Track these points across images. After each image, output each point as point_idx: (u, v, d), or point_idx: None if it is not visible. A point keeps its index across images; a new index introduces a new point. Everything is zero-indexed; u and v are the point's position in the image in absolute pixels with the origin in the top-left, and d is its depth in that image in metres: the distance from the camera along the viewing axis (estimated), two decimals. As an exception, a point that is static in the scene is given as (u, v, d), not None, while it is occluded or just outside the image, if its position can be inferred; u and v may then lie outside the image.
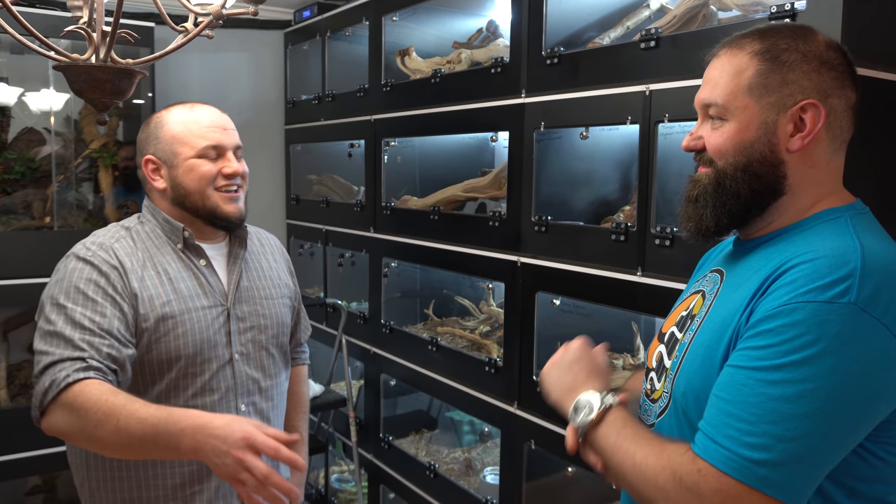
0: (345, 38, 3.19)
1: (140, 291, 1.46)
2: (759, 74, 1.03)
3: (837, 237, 0.99)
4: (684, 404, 1.05)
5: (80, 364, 1.33)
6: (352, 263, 3.26)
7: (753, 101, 1.03)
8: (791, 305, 0.91)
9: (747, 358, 0.94)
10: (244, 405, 1.57)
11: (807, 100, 1.01)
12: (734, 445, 0.90)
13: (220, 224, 1.58)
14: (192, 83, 3.37)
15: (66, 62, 1.19)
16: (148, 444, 1.27)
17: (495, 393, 2.26)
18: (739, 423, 0.91)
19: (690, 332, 1.09)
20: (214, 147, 1.54)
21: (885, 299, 0.91)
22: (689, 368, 1.06)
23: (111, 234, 1.54)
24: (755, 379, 0.92)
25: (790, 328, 0.91)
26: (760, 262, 1.05)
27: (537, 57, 2.07)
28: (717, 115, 1.06)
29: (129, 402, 1.28)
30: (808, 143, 1.02)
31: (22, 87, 2.88)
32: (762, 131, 1.02)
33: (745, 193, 1.05)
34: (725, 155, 1.05)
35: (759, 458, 0.89)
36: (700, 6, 1.80)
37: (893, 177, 1.56)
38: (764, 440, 0.89)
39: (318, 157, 3.53)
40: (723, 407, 0.94)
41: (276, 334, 1.65)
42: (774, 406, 0.89)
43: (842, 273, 0.92)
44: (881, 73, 1.48)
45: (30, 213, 2.85)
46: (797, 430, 0.88)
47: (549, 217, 2.06)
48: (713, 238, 1.12)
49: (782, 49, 1.02)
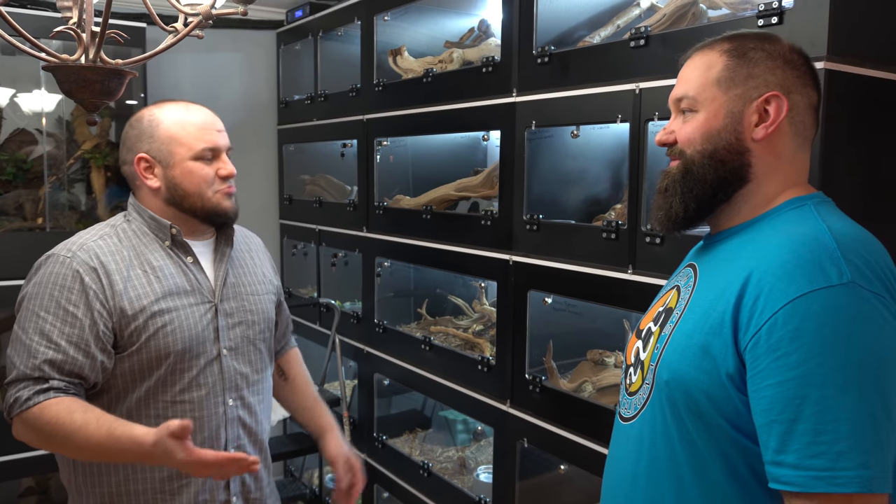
0: (337, 37, 3.18)
1: (126, 291, 1.47)
2: (727, 69, 1.10)
3: (803, 222, 1.04)
4: (669, 392, 1.08)
5: (41, 385, 1.38)
6: (345, 263, 3.26)
7: (721, 93, 1.10)
8: (796, 302, 0.93)
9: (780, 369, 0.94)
10: (231, 399, 1.58)
11: (771, 92, 1.08)
12: (826, 461, 0.90)
13: (217, 221, 1.60)
14: (185, 83, 3.36)
15: (56, 63, 1.19)
16: (105, 458, 1.41)
17: (488, 391, 2.27)
18: (811, 437, 0.91)
19: (671, 325, 1.12)
20: (211, 149, 1.55)
21: (868, 273, 0.95)
22: (671, 358, 1.09)
23: (95, 233, 1.54)
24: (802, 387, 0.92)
25: (806, 323, 0.92)
26: (732, 251, 1.10)
27: (528, 56, 2.07)
28: (688, 107, 1.14)
29: (84, 426, 1.35)
30: (771, 132, 1.08)
31: (13, 87, 2.87)
32: (729, 120, 1.10)
33: (712, 179, 1.11)
34: (694, 143, 1.12)
35: (852, 463, 0.89)
36: (689, 5, 1.81)
37: (881, 174, 1.57)
38: (846, 444, 0.89)
39: (311, 157, 3.53)
40: (790, 428, 0.93)
41: (262, 329, 1.67)
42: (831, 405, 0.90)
43: (825, 256, 0.95)
44: (869, 71, 1.48)
45: (22, 214, 2.84)
46: (861, 420, 0.90)
47: (541, 216, 2.06)
48: (682, 227, 1.17)
49: (749, 48, 1.11)
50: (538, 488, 2.22)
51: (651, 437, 1.12)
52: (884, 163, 1.57)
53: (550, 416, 2.03)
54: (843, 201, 1.16)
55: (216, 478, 1.31)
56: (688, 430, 1.06)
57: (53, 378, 1.39)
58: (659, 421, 1.10)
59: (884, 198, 1.58)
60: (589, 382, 2.04)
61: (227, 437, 1.58)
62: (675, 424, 1.07)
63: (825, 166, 1.41)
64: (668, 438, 1.08)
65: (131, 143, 1.57)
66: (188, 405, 1.52)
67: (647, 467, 1.12)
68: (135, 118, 1.59)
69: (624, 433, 1.20)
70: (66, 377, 1.40)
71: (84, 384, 1.44)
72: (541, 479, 2.21)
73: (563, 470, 2.15)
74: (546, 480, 2.21)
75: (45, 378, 1.38)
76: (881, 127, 1.56)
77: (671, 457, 1.08)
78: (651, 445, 1.11)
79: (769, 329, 0.95)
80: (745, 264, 1.03)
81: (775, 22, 1.46)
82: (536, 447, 2.10)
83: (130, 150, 1.57)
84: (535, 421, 2.07)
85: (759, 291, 0.98)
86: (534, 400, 2.09)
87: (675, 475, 1.07)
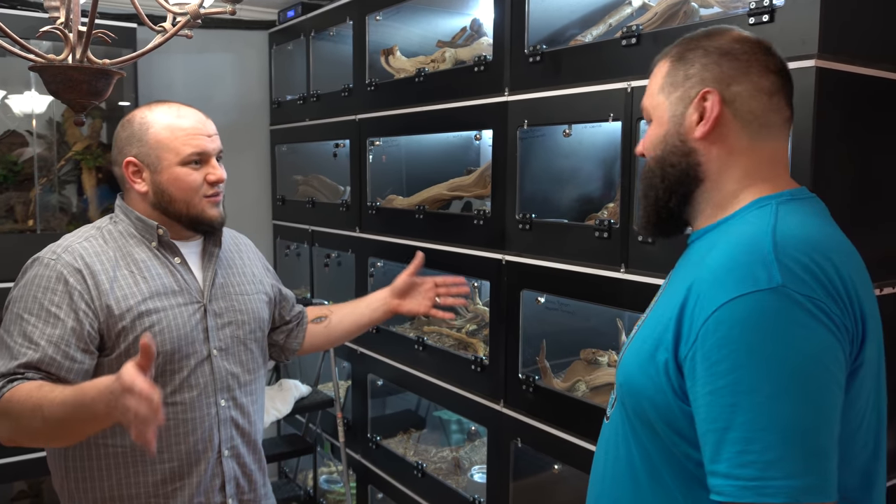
0: (329, 37, 3.18)
1: (113, 290, 1.46)
2: (668, 74, 1.12)
3: (753, 224, 1.01)
4: (622, 395, 1.10)
5: (15, 377, 1.37)
6: (338, 263, 3.25)
7: (664, 98, 1.12)
8: (724, 308, 0.92)
9: (713, 377, 0.92)
10: (223, 400, 1.58)
11: (705, 89, 1.07)
12: (755, 470, 0.88)
13: (201, 228, 1.59)
14: (177, 84, 3.35)
15: (42, 63, 1.19)
16: (73, 422, 1.29)
17: (482, 391, 2.27)
18: (741, 445, 0.89)
19: (636, 328, 1.15)
20: (200, 153, 1.54)
21: (803, 275, 0.92)
22: (627, 360, 1.11)
23: (80, 235, 1.53)
24: (733, 394, 0.90)
25: (733, 329, 0.91)
26: (692, 256, 1.10)
27: (520, 55, 2.07)
28: (646, 118, 1.17)
29: (49, 391, 1.31)
30: (710, 128, 1.07)
31: (3, 89, 2.86)
32: (672, 123, 1.11)
33: (660, 183, 1.12)
34: (649, 151, 1.15)
35: (781, 473, 0.86)
36: (681, 3, 1.81)
37: (873, 172, 1.57)
38: (776, 453, 0.86)
39: (304, 157, 3.52)
40: (722, 437, 0.91)
41: (253, 329, 1.66)
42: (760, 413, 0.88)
43: (757, 259, 0.93)
44: (860, 69, 1.48)
45: (12, 216, 2.82)
46: (792, 428, 0.87)
47: (534, 215, 2.06)
48: (657, 233, 1.18)
49: (688, 49, 1.11)
50: (532, 488, 2.21)
51: (615, 439, 1.14)
52: (875, 161, 1.58)
53: (544, 415, 2.03)
54: (834, 199, 1.16)
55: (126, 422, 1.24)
56: (638, 432, 1.07)
57: (29, 374, 1.38)
58: (620, 424, 1.12)
59: (875, 195, 1.58)
60: (582, 382, 2.04)
61: (220, 439, 1.57)
62: (631, 429, 1.09)
63: (816, 164, 1.41)
64: (626, 440, 1.10)
65: (121, 146, 1.56)
66: (180, 406, 1.51)
67: (612, 467, 1.14)
68: (126, 119, 1.57)
69: (602, 433, 1.22)
70: (44, 375, 1.39)
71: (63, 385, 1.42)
72: (535, 479, 2.21)
73: (556, 469, 2.15)
74: (540, 480, 2.21)
75: (21, 374, 1.38)
76: (872, 125, 1.56)
77: (629, 457, 1.10)
78: (615, 446, 1.13)
79: (703, 337, 0.93)
80: (693, 270, 1.02)
81: (766, 20, 1.46)
82: (530, 447, 2.10)
83: (120, 153, 1.56)
84: (529, 421, 2.07)
85: (696, 298, 0.96)
86: (527, 399, 2.08)
87: (632, 476, 1.09)
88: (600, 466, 1.19)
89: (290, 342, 1.86)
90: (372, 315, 1.91)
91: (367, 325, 1.93)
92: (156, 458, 1.50)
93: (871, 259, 1.09)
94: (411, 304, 1.89)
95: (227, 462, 1.59)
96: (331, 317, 1.92)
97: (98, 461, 1.48)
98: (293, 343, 1.86)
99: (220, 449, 1.57)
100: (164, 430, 1.49)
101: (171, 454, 1.51)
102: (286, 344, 1.85)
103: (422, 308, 1.88)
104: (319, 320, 1.90)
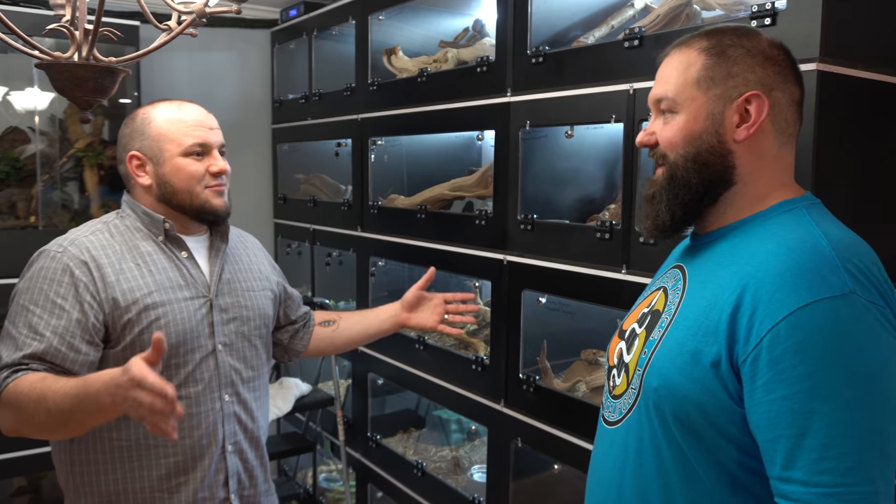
0: (331, 37, 3.18)
1: (119, 283, 1.47)
2: (706, 68, 1.07)
3: (797, 227, 1.01)
4: (657, 399, 1.05)
5: (20, 367, 1.37)
6: (339, 263, 3.25)
7: (701, 94, 1.07)
8: (799, 313, 0.91)
9: (785, 382, 0.91)
10: (227, 395, 1.58)
11: (751, 91, 1.05)
12: (835, 477, 0.88)
13: (207, 219, 1.60)
14: (179, 82, 3.36)
15: (49, 60, 1.19)
16: (78, 413, 1.29)
17: (482, 391, 2.27)
18: (819, 452, 0.89)
19: (659, 329, 1.09)
20: (201, 145, 1.56)
21: (864, 282, 0.93)
22: (661, 364, 1.05)
23: (87, 229, 1.55)
24: (809, 401, 0.90)
25: (812, 335, 0.90)
26: (723, 254, 1.07)
27: (523, 56, 2.07)
28: (668, 108, 1.10)
29: (54, 382, 1.32)
30: (753, 132, 1.05)
31: (6, 86, 2.87)
32: (710, 122, 1.06)
33: (696, 183, 1.08)
34: (676, 147, 1.09)
35: (861, 479, 0.87)
36: (683, 5, 1.82)
37: (874, 175, 1.58)
38: (855, 459, 0.87)
39: (306, 156, 3.53)
40: (797, 443, 0.90)
41: (258, 325, 1.67)
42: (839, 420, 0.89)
43: (824, 265, 0.93)
44: (861, 72, 1.49)
45: (14, 212, 2.83)
46: (869, 434, 0.88)
47: (535, 215, 2.07)
48: (671, 234, 1.14)
49: (728, 45, 1.07)
50: (532, 488, 2.22)
51: (637, 444, 1.09)
52: (876, 164, 1.58)
53: (544, 415, 2.03)
54: (835, 202, 1.17)
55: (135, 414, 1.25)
56: (675, 438, 1.03)
57: (34, 365, 1.39)
58: (646, 427, 1.07)
59: (876, 199, 1.59)
60: (583, 382, 2.04)
61: (224, 434, 1.58)
62: (663, 432, 1.04)
63: (817, 167, 1.41)
64: (656, 446, 1.06)
65: (124, 142, 1.58)
66: (185, 401, 1.52)
67: (634, 474, 1.09)
68: (129, 117, 1.60)
69: (609, 438, 1.16)
70: (48, 366, 1.40)
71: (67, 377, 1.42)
72: (534, 479, 2.21)
73: (556, 469, 2.16)
74: (540, 480, 2.21)
75: (26, 365, 1.38)
76: (873, 128, 1.57)
77: (658, 464, 1.05)
78: (637, 452, 1.08)
79: (771, 341, 0.92)
80: (740, 271, 1.00)
81: (769, 23, 1.47)
82: (530, 447, 2.10)
83: (123, 149, 1.58)
84: (529, 420, 2.08)
85: (756, 301, 0.95)
86: (528, 399, 2.09)
87: (663, 483, 1.05)
88: (614, 475, 1.13)
89: (295, 343, 1.86)
90: (380, 326, 1.93)
91: (374, 335, 1.95)
92: (160, 453, 1.51)
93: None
94: (420, 318, 1.90)
95: (231, 457, 1.59)
96: (339, 322, 1.93)
97: (103, 455, 1.49)
98: (298, 344, 1.87)
99: (224, 444, 1.58)
100: None
101: (176, 448, 1.52)
102: (290, 345, 1.86)
103: (430, 322, 1.90)
104: (327, 324, 1.91)
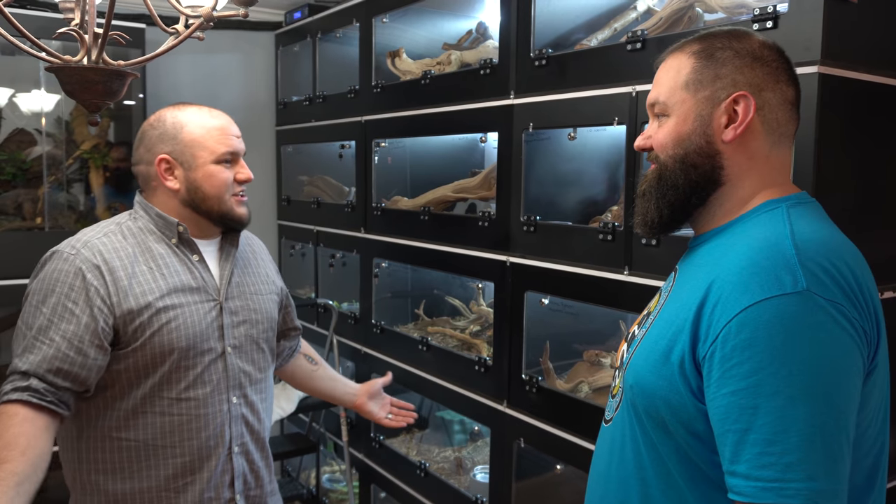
0: (335, 39, 3.20)
1: (131, 286, 1.48)
2: (695, 71, 1.09)
3: (769, 226, 1.02)
4: (632, 396, 1.08)
5: (21, 383, 1.38)
6: (343, 264, 3.27)
7: (690, 96, 1.09)
8: (749, 311, 0.92)
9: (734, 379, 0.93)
10: (235, 397, 1.60)
11: (739, 92, 1.06)
12: (775, 472, 0.89)
13: (230, 225, 1.63)
14: (184, 84, 3.37)
15: (59, 64, 1.20)
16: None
17: (485, 392, 2.28)
18: (761, 447, 0.90)
19: (643, 329, 1.13)
20: (232, 153, 1.60)
21: (826, 280, 0.93)
22: (637, 362, 1.09)
23: (100, 231, 1.55)
24: (754, 396, 0.91)
25: (758, 332, 0.91)
26: (704, 257, 1.09)
27: (526, 58, 2.09)
28: (661, 111, 1.13)
29: (9, 462, 1.30)
30: (740, 133, 1.06)
31: (12, 88, 2.88)
32: (698, 123, 1.08)
33: (683, 184, 1.10)
34: (666, 148, 1.11)
35: (800, 475, 0.88)
36: (686, 8, 1.83)
37: (874, 178, 1.59)
38: (795, 455, 0.88)
39: (309, 158, 3.54)
40: (742, 438, 0.92)
41: (266, 329, 1.69)
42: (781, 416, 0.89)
43: (781, 263, 0.94)
44: (862, 75, 1.50)
45: (21, 213, 2.85)
46: (811, 432, 0.88)
47: (538, 217, 2.08)
48: (660, 232, 1.16)
49: (717, 48, 1.09)
50: (535, 488, 2.23)
51: (621, 440, 1.12)
52: (877, 166, 1.59)
53: (547, 416, 2.04)
54: (836, 205, 1.18)
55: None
56: (650, 435, 1.06)
57: (37, 376, 1.39)
58: (627, 425, 1.11)
59: (877, 200, 1.60)
60: (585, 383, 2.05)
61: (231, 435, 1.59)
62: (640, 429, 1.07)
63: (819, 169, 1.42)
64: (635, 441, 1.09)
65: (151, 144, 1.57)
66: (192, 402, 1.53)
67: (618, 469, 1.13)
68: (155, 119, 1.59)
69: (603, 435, 1.21)
70: (52, 376, 1.40)
71: (72, 388, 1.43)
72: (537, 479, 2.22)
73: (559, 470, 2.16)
74: (542, 480, 2.22)
75: (29, 375, 1.39)
76: (874, 131, 1.57)
77: (637, 461, 1.09)
78: (621, 448, 1.12)
79: (723, 338, 0.93)
80: (710, 271, 1.02)
81: (770, 26, 1.48)
82: (533, 447, 2.11)
83: (150, 151, 1.57)
84: (532, 421, 2.09)
85: (717, 299, 0.97)
86: (530, 400, 2.10)
87: (641, 477, 1.08)
88: (602, 469, 1.18)
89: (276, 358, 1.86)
90: (342, 396, 2.02)
91: (332, 399, 2.06)
92: (168, 453, 1.52)
93: (873, 263, 1.11)
94: (372, 408, 2.02)
95: (237, 458, 1.61)
96: (319, 368, 2.00)
97: (111, 454, 1.50)
98: (277, 360, 1.86)
99: (231, 445, 1.59)
100: (177, 425, 1.52)
101: (184, 449, 1.53)
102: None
103: (376, 416, 2.03)
104: (311, 360, 1.99)
